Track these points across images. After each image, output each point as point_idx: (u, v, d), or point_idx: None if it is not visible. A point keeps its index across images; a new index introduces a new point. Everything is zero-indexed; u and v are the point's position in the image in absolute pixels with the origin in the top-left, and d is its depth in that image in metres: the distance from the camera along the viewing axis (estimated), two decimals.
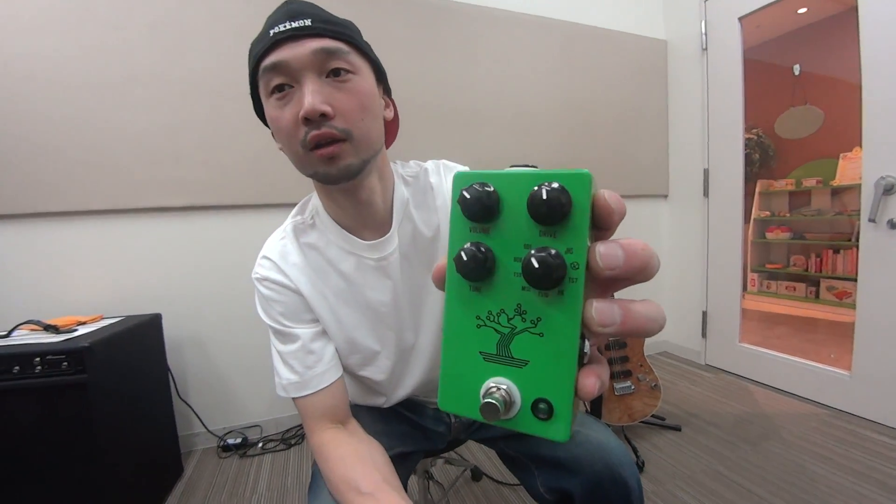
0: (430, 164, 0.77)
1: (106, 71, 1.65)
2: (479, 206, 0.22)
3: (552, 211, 0.20)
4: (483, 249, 0.22)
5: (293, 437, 1.95)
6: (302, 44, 0.55)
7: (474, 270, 0.22)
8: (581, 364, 0.22)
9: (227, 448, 1.86)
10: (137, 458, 1.41)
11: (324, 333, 0.72)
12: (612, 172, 2.58)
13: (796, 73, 3.54)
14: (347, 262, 0.70)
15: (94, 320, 1.49)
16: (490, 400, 0.22)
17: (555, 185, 0.20)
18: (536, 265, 0.20)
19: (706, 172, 2.51)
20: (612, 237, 0.22)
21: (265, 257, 0.71)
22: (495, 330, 0.23)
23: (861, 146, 1.83)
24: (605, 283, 0.23)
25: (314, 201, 0.73)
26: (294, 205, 0.77)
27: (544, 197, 0.20)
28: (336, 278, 0.71)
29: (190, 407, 1.84)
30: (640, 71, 2.63)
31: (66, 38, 1.60)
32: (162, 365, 1.67)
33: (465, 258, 0.22)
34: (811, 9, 3.19)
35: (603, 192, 0.21)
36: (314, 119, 0.55)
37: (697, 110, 2.52)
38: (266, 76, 0.57)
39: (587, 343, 0.22)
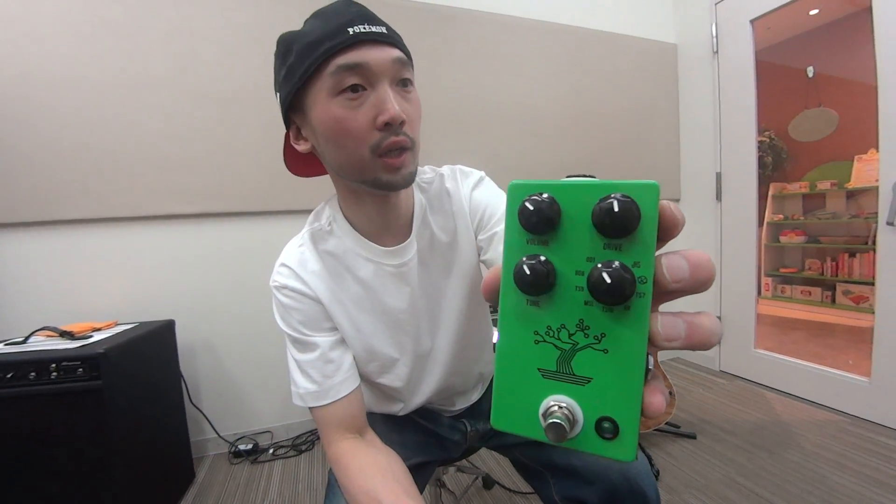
0: (445, 170, 0.76)
1: (121, 78, 1.67)
2: (539, 218, 0.21)
3: (621, 223, 0.20)
4: (543, 262, 0.21)
5: (304, 444, 1.94)
6: (383, 50, 0.56)
7: (535, 284, 0.21)
8: (645, 381, 0.21)
9: (238, 454, 1.86)
10: (150, 463, 1.42)
11: (342, 342, 0.71)
12: (623, 176, 2.57)
13: (810, 74, 3.51)
14: (366, 269, 0.70)
15: (108, 326, 1.50)
16: (556, 420, 0.21)
17: (624, 196, 0.20)
18: (608, 280, 0.20)
19: (718, 176, 2.48)
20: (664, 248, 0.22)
21: (283, 265, 0.70)
22: (555, 346, 0.22)
23: (877, 148, 1.80)
24: (660, 297, 0.22)
25: (329, 209, 0.73)
26: (306, 211, 0.77)
27: (615, 209, 0.20)
28: (354, 285, 0.71)
29: (202, 412, 1.85)
30: (651, 75, 2.61)
31: (82, 45, 1.62)
32: (175, 371, 1.68)
33: (526, 271, 0.21)
34: (823, 10, 3.16)
35: (669, 204, 0.20)
36: (395, 125, 0.55)
37: (709, 113, 2.50)
38: (340, 74, 0.55)
39: (651, 359, 0.21)
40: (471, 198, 0.74)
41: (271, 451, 1.89)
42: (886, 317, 1.81)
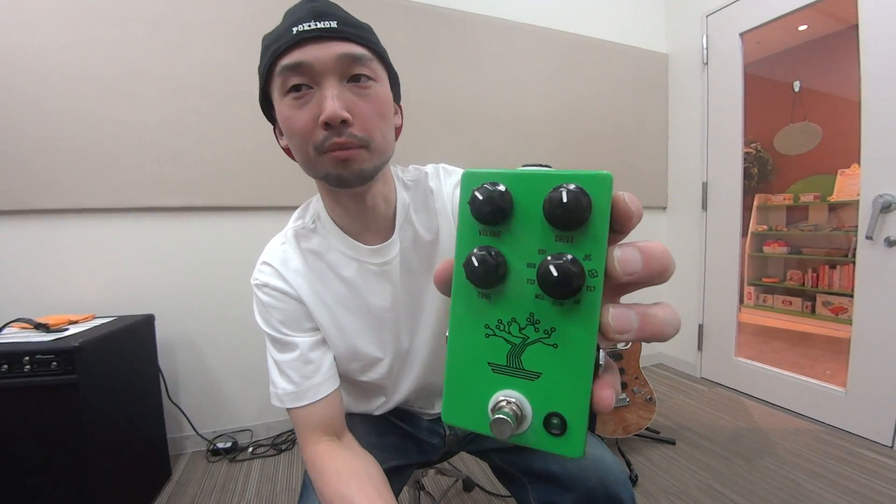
0: (429, 168, 0.76)
1: (106, 67, 1.64)
2: (490, 208, 0.21)
3: (572, 215, 0.19)
4: (494, 254, 0.21)
5: (284, 443, 1.93)
6: (326, 46, 0.54)
7: (485, 277, 0.21)
8: (596, 376, 0.21)
9: (216, 452, 1.83)
10: (126, 460, 1.39)
11: (323, 343, 0.71)
12: None
13: (796, 89, 3.57)
14: (349, 268, 0.70)
15: (85, 319, 1.47)
16: (501, 415, 0.21)
17: (575, 187, 0.19)
18: (555, 273, 0.19)
19: (705, 185, 2.51)
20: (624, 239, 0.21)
21: (265, 263, 0.70)
22: (506, 340, 0.22)
23: (859, 163, 1.84)
24: (618, 288, 0.22)
25: (315, 205, 0.72)
26: (291, 208, 0.76)
27: (564, 200, 0.19)
28: (337, 284, 0.70)
29: (180, 409, 1.82)
30: (641, 83, 2.64)
31: (67, 33, 1.59)
32: (153, 366, 1.65)
33: (475, 263, 0.21)
34: (812, 26, 3.22)
35: (623, 195, 0.20)
36: (335, 125, 0.54)
37: (697, 124, 2.53)
38: (284, 75, 0.55)
39: (602, 354, 0.21)
40: (453, 196, 0.73)
41: (250, 450, 1.87)
42: (864, 328, 1.85)
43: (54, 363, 1.15)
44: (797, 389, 2.12)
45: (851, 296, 1.93)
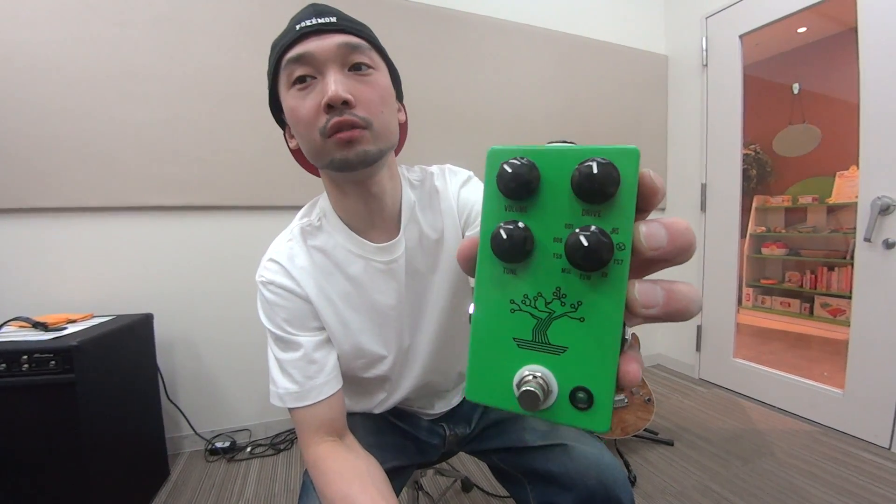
0: (435, 169, 0.77)
1: (106, 65, 1.64)
2: (518, 182, 0.21)
3: (601, 188, 0.19)
4: (522, 228, 0.21)
5: (282, 443, 1.92)
6: (327, 38, 0.58)
7: (512, 251, 0.21)
8: (622, 351, 0.21)
9: (214, 451, 1.83)
10: (123, 460, 1.39)
11: (327, 342, 0.71)
12: None
13: (795, 91, 3.58)
14: (356, 266, 0.70)
15: (84, 318, 1.47)
16: (530, 388, 0.21)
17: (603, 160, 0.19)
18: (586, 244, 0.19)
19: (704, 187, 2.51)
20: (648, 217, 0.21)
21: (272, 260, 0.70)
22: (531, 315, 0.22)
23: (858, 165, 1.84)
24: (642, 266, 0.22)
25: (322, 203, 0.72)
26: (290, 208, 0.77)
27: (594, 172, 0.19)
28: (343, 282, 0.70)
29: (178, 408, 1.82)
30: (641, 84, 2.64)
31: (67, 31, 1.59)
32: (151, 365, 1.64)
33: (503, 236, 0.21)
34: (811, 28, 3.22)
35: (649, 171, 0.20)
36: (337, 106, 0.56)
37: (696, 125, 2.54)
38: (290, 67, 0.58)
39: (628, 329, 0.21)
40: (458, 196, 0.74)
41: (248, 449, 1.87)
42: (861, 330, 1.86)
43: (52, 362, 1.14)
44: (795, 391, 2.12)
45: (849, 297, 1.93)
